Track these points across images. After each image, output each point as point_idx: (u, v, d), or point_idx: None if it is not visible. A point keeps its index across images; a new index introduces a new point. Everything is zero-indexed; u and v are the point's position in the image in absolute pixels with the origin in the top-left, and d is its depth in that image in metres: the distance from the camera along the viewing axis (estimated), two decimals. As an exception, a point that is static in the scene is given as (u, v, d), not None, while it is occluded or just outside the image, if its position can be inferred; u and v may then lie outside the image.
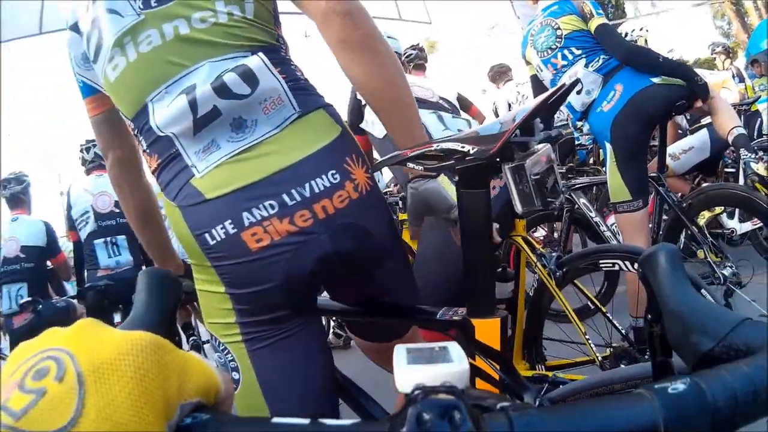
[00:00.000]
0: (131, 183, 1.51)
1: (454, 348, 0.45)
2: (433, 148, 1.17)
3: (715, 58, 7.55)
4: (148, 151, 1.23)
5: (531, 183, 1.09)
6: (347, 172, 1.19)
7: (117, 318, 3.88)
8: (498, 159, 1.12)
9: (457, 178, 1.21)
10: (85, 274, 3.98)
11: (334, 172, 1.17)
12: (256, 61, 1.19)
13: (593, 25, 3.26)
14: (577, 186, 3.80)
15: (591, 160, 5.55)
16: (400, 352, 0.45)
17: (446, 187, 1.34)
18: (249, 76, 1.17)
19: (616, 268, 2.01)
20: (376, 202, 1.27)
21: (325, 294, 1.48)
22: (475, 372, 1.31)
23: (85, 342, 0.41)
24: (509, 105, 6.45)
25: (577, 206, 3.73)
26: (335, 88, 1.35)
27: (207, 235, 1.12)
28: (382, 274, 1.32)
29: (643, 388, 0.42)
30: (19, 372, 0.38)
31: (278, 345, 1.18)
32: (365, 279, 1.32)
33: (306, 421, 0.43)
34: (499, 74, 6.74)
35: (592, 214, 3.70)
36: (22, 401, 0.37)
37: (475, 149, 1.07)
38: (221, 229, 1.11)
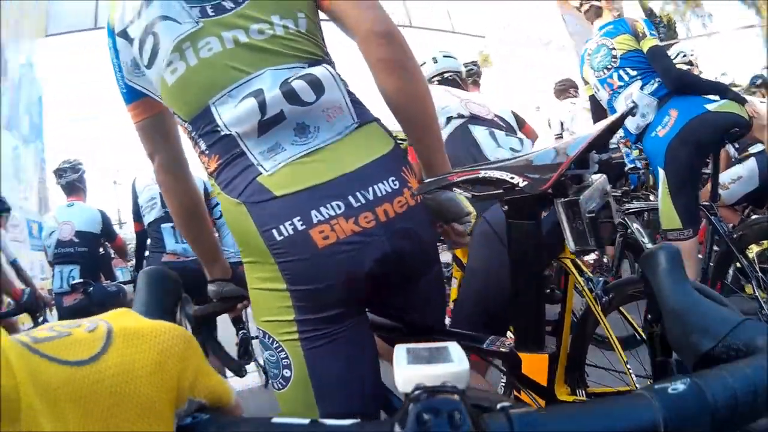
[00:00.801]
0: (177, 185, 1.55)
1: (454, 348, 0.45)
2: (480, 175, 1.17)
3: (755, 92, 7.28)
4: (207, 152, 1.28)
5: (585, 220, 1.06)
6: (405, 180, 1.26)
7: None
8: (550, 192, 1.10)
9: (505, 207, 1.21)
10: (147, 257, 3.97)
11: (393, 179, 1.23)
12: (322, 71, 1.26)
13: (645, 45, 3.26)
14: (630, 211, 3.76)
15: (644, 185, 5.45)
16: (400, 352, 0.45)
17: (460, 197, 1.41)
18: (316, 85, 1.24)
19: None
20: (426, 212, 1.33)
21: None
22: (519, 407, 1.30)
23: (120, 318, 0.46)
24: (561, 124, 6.36)
25: (630, 231, 3.68)
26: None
27: (274, 230, 1.16)
28: (426, 283, 1.36)
29: (643, 389, 0.42)
30: (50, 325, 0.42)
31: (333, 344, 1.22)
32: (411, 286, 1.35)
33: (306, 421, 0.44)
34: (561, 90, 6.64)
35: (645, 240, 3.64)
36: (45, 334, 0.40)
37: (525, 182, 1.06)
38: (290, 225, 1.15)
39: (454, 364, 0.42)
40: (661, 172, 3.11)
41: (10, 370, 0.35)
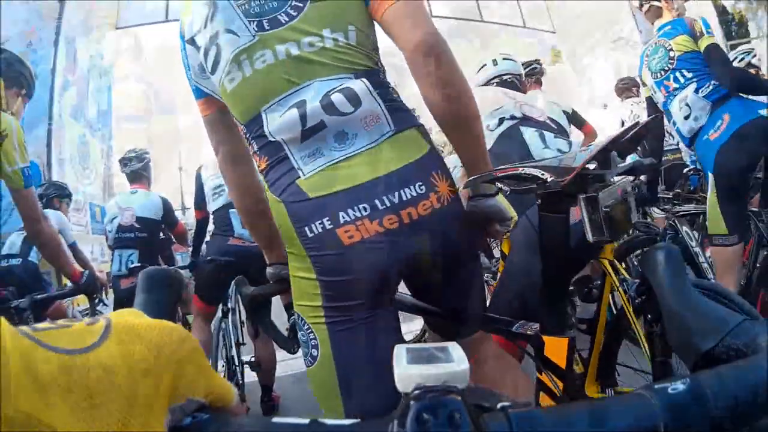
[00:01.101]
0: (240, 177, 1.67)
1: (455, 348, 0.44)
2: (518, 172, 1.26)
3: None
4: (258, 153, 1.42)
5: (602, 215, 1.13)
6: (432, 185, 1.33)
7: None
8: (575, 189, 1.17)
9: (539, 201, 1.29)
10: (212, 238, 4.05)
11: (420, 183, 1.31)
12: (359, 85, 1.35)
13: (703, 44, 3.20)
14: (680, 213, 3.69)
15: (703, 187, 5.29)
16: (400, 351, 0.44)
17: (503, 203, 1.46)
18: (353, 98, 1.33)
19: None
20: (456, 213, 1.40)
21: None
22: (539, 386, 1.35)
23: (124, 316, 0.47)
24: (622, 122, 6.26)
25: (679, 234, 3.62)
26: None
27: (306, 228, 1.30)
28: (458, 280, 1.45)
29: (644, 389, 0.42)
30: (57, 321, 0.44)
31: (355, 330, 1.32)
32: (443, 282, 1.43)
33: (306, 421, 0.44)
34: (623, 89, 6.52)
35: (693, 244, 3.57)
36: (46, 324, 0.42)
37: (552, 178, 1.13)
38: (319, 224, 1.29)
39: (454, 364, 0.41)
40: (711, 176, 3.07)
41: (4, 351, 0.36)
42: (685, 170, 4.33)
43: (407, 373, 0.41)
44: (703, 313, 0.51)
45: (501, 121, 2.50)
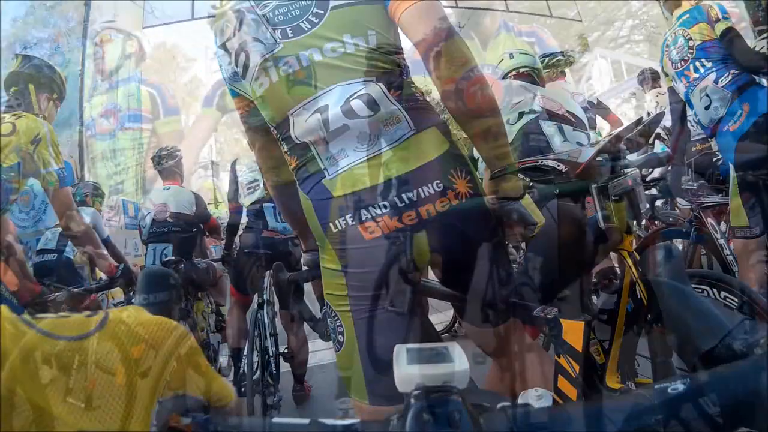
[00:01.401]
0: (274, 168, 1.77)
1: (455, 348, 0.45)
2: (538, 163, 1.34)
3: None
4: (288, 152, 1.53)
5: (611, 203, 1.22)
6: (450, 183, 1.41)
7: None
8: (587, 179, 1.26)
9: (557, 191, 1.35)
10: (245, 232, 4.13)
11: (438, 182, 1.39)
12: (377, 90, 1.42)
13: (719, 29, 3.21)
14: (706, 204, 3.62)
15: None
16: (400, 351, 0.46)
17: (529, 207, 1.50)
18: (371, 103, 1.41)
19: (705, 294, 1.99)
20: (475, 209, 1.46)
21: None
22: (557, 369, 1.41)
23: (125, 311, 0.51)
24: (647, 113, 6.18)
25: (705, 226, 3.56)
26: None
27: (331, 224, 1.40)
28: (479, 269, 1.50)
29: (644, 388, 0.43)
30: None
31: (378, 318, 1.41)
32: (463, 272, 1.50)
33: (305, 421, 0.45)
34: (646, 80, 6.44)
35: (718, 236, 3.50)
36: (47, 315, 0.46)
37: (566, 169, 1.20)
38: (343, 221, 1.39)
39: (454, 364, 0.42)
40: (731, 168, 3.07)
41: (3, 336, 0.40)
42: (714, 159, 4.26)
43: (407, 373, 0.42)
44: (703, 314, 0.52)
45: (521, 115, 2.55)
